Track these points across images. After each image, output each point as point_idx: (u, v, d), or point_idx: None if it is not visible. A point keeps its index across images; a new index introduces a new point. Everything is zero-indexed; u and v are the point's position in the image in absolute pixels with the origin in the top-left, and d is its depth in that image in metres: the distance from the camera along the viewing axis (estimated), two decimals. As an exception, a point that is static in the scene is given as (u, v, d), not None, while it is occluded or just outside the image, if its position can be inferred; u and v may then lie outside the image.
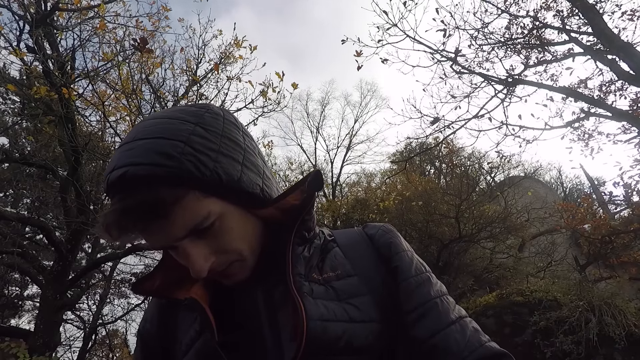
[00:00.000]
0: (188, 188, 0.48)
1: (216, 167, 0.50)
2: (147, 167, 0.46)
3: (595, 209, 9.51)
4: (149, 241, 0.51)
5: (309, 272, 0.58)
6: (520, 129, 6.32)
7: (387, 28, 6.31)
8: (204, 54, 6.28)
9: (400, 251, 0.64)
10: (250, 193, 0.54)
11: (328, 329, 0.52)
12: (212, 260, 0.52)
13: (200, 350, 0.56)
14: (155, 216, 0.47)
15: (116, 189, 0.48)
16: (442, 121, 6.51)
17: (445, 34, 6.45)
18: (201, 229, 0.50)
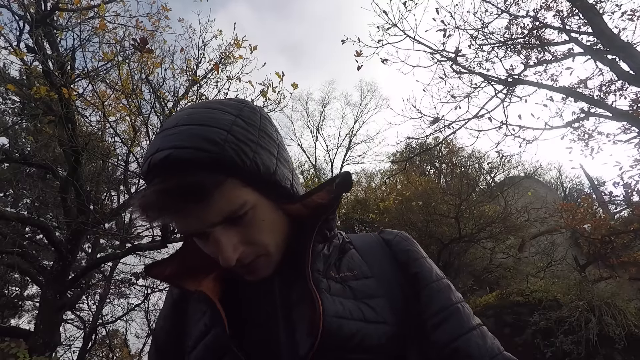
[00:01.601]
0: (227, 175, 0.50)
1: (255, 158, 0.52)
2: (191, 150, 0.48)
3: (595, 209, 9.50)
4: (182, 225, 0.52)
5: (327, 270, 0.59)
6: (520, 129, 6.32)
7: (387, 28, 6.31)
8: (204, 54, 6.28)
9: (419, 257, 0.65)
10: (282, 187, 0.56)
11: (343, 326, 0.53)
12: (240, 250, 0.53)
13: (210, 345, 0.56)
14: (195, 199, 0.48)
15: (157, 171, 0.49)
16: (442, 121, 6.51)
17: (445, 34, 6.45)
18: (235, 217, 0.51)
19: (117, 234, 9.05)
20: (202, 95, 6.06)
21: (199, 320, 0.60)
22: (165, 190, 0.47)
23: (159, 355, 0.67)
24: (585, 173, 16.05)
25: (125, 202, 7.77)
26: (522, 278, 8.19)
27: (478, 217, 8.34)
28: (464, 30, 6.69)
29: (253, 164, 0.51)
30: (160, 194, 0.47)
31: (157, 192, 0.47)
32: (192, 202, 0.48)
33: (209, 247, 0.54)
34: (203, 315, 0.60)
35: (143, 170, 0.52)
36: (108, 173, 8.65)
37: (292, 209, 0.59)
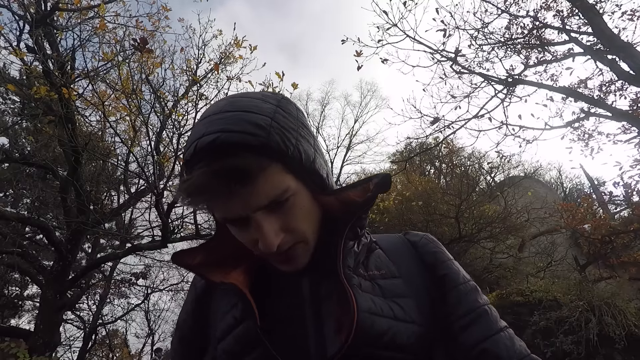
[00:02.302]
0: (272, 161, 0.51)
1: (297, 145, 0.53)
2: (239, 134, 0.49)
3: (595, 209, 9.50)
4: (225, 209, 0.52)
5: (356, 267, 0.60)
6: (520, 129, 6.32)
7: (387, 28, 6.31)
8: (204, 54, 6.27)
9: (446, 260, 0.65)
10: (320, 176, 0.57)
11: (375, 322, 0.53)
12: (281, 236, 0.53)
13: (240, 337, 0.56)
14: (242, 182, 0.49)
15: (204, 154, 0.50)
16: (442, 121, 6.51)
17: (445, 34, 6.45)
18: (277, 202, 0.52)
19: (117, 234, 9.05)
20: (202, 95, 6.06)
21: (226, 313, 0.61)
22: (214, 172, 0.48)
23: (184, 346, 0.67)
24: (585, 173, 16.06)
25: (125, 202, 7.77)
26: (522, 278, 8.19)
27: (478, 217, 8.35)
28: (464, 30, 6.70)
29: (296, 151, 0.53)
30: (208, 175, 0.48)
31: (206, 174, 0.48)
32: (239, 184, 0.49)
33: (247, 235, 0.54)
34: (231, 308, 0.60)
35: (187, 155, 0.52)
36: (108, 173, 8.65)
37: (326, 201, 0.60)
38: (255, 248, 0.55)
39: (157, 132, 6.10)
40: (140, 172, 5.71)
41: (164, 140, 6.21)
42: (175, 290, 13.13)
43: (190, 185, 0.48)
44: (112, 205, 8.56)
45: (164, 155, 6.03)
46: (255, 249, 0.55)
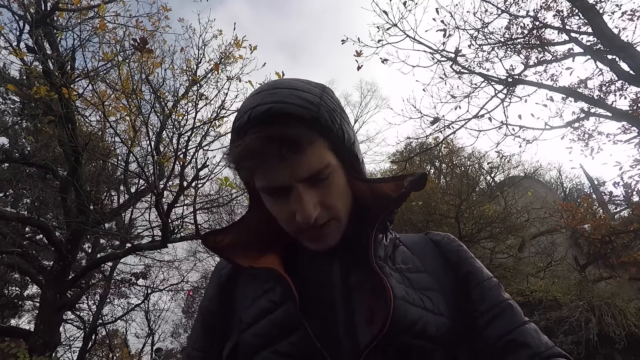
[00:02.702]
0: (320, 135, 0.54)
1: (342, 125, 0.57)
2: (292, 106, 0.52)
3: (595, 209, 9.50)
4: (271, 177, 0.54)
5: (385, 259, 0.62)
6: (520, 129, 6.32)
7: (387, 28, 6.31)
8: (204, 54, 6.27)
9: (469, 257, 0.68)
10: (357, 159, 0.61)
11: (408, 310, 0.55)
12: (318, 210, 0.55)
13: (279, 321, 0.56)
14: (292, 149, 0.52)
15: (258, 121, 0.52)
16: (442, 121, 6.51)
17: (445, 34, 6.45)
18: (319, 177, 0.55)
19: (117, 234, 9.05)
20: (202, 95, 6.06)
21: (258, 298, 0.61)
22: (268, 137, 0.51)
23: (207, 331, 0.68)
24: (585, 173, 16.05)
25: (125, 202, 7.77)
26: (522, 278, 8.18)
27: (478, 217, 8.35)
28: (464, 30, 6.70)
29: (340, 130, 0.56)
30: (261, 140, 0.51)
31: (259, 139, 0.51)
32: (289, 152, 0.51)
33: (284, 207, 0.56)
34: (265, 293, 0.60)
35: (239, 124, 0.55)
36: (108, 173, 8.64)
37: (358, 187, 0.62)
38: (290, 222, 0.57)
39: (157, 132, 6.11)
40: (140, 172, 5.71)
41: (164, 140, 6.21)
42: (175, 290, 13.13)
43: (243, 148, 0.52)
44: (112, 205, 8.56)
45: (164, 155, 6.03)
46: (289, 224, 0.57)
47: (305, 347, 0.53)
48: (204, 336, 0.68)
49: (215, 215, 10.09)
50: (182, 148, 5.58)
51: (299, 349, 0.54)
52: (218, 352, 0.64)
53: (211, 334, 0.67)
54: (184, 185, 5.58)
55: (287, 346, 0.55)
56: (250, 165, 0.53)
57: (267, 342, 0.56)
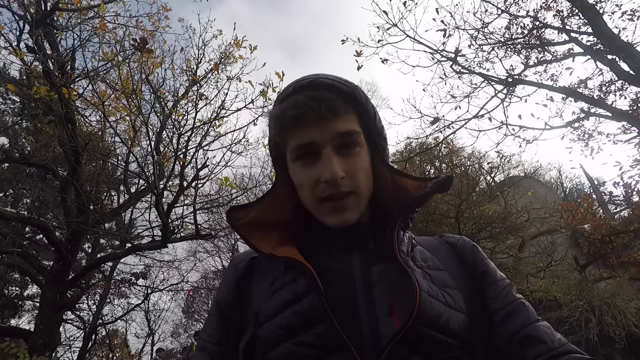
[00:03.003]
0: (354, 111, 0.63)
1: (373, 108, 0.65)
2: (333, 81, 0.62)
3: (595, 209, 9.50)
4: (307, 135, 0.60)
5: (407, 255, 0.64)
6: (520, 129, 6.32)
7: (387, 28, 6.30)
8: (204, 54, 6.27)
9: (484, 258, 0.70)
10: (385, 140, 0.67)
11: (433, 304, 0.56)
12: (343, 174, 0.59)
13: (304, 312, 0.56)
14: (330, 110, 0.59)
15: (304, 87, 0.62)
16: (442, 121, 6.51)
17: (445, 34, 6.44)
18: (347, 143, 0.61)
19: (117, 234, 9.05)
20: (202, 95, 6.06)
21: (278, 290, 0.61)
22: (310, 96, 0.59)
23: (223, 323, 0.68)
24: (585, 173, 16.04)
25: (125, 202, 7.77)
26: (522, 278, 8.18)
27: (478, 217, 8.34)
28: (464, 30, 6.70)
29: (372, 110, 0.65)
30: (307, 97, 0.59)
31: (303, 96, 0.60)
32: (327, 111, 0.59)
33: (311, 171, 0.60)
34: (285, 284, 0.61)
35: (285, 91, 0.64)
36: (108, 173, 8.64)
37: (382, 175, 0.66)
38: (314, 189, 0.60)
39: (157, 132, 6.11)
40: (140, 172, 5.71)
41: (164, 140, 6.22)
42: (175, 290, 13.13)
43: (288, 103, 0.61)
44: (112, 205, 8.56)
45: (164, 155, 6.03)
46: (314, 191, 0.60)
47: (330, 338, 0.53)
48: (220, 329, 0.68)
49: (215, 215, 10.09)
50: (182, 148, 5.58)
51: (324, 340, 0.54)
52: (234, 345, 0.64)
53: (227, 327, 0.67)
54: (184, 185, 5.58)
55: (311, 337, 0.55)
56: (292, 115, 0.59)
57: (290, 333, 0.56)
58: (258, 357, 0.59)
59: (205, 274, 15.00)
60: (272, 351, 0.57)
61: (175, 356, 18.08)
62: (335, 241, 0.63)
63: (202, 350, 0.66)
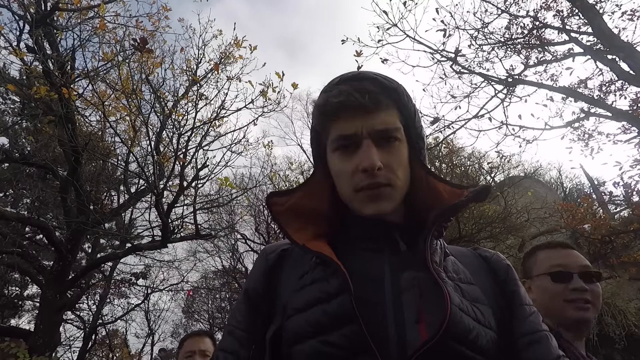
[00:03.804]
0: (396, 108, 0.64)
1: (414, 107, 0.67)
2: (376, 76, 0.64)
3: (595, 209, 9.50)
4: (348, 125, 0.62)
5: (439, 265, 0.62)
6: (520, 129, 6.32)
7: (387, 28, 6.31)
8: (204, 54, 6.27)
9: (516, 278, 0.69)
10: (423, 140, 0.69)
11: (463, 319, 0.55)
12: (380, 164, 0.60)
13: (333, 312, 0.56)
14: (373, 101, 0.61)
15: (348, 79, 0.64)
16: (442, 121, 6.51)
17: (445, 34, 6.45)
18: (388, 137, 0.62)
19: (117, 234, 9.05)
20: (202, 95, 6.06)
21: (308, 285, 0.61)
22: (355, 86, 0.61)
23: (252, 312, 0.68)
24: (585, 173, 16.03)
25: (125, 202, 7.78)
26: (522, 278, 8.17)
27: (478, 217, 8.34)
28: (464, 30, 6.70)
29: (413, 108, 0.66)
30: (350, 88, 0.61)
31: (348, 86, 0.62)
32: (370, 102, 0.60)
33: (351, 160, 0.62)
34: (314, 282, 0.60)
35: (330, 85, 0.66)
36: (108, 173, 8.64)
37: (417, 175, 0.67)
38: (353, 177, 0.62)
39: (157, 132, 6.10)
40: (140, 172, 5.72)
41: (164, 140, 6.21)
42: (175, 290, 13.12)
43: (333, 91, 0.62)
44: (112, 205, 8.56)
45: (164, 155, 6.03)
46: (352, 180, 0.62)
47: (356, 341, 0.53)
48: (249, 317, 0.68)
49: (215, 215, 10.09)
50: (182, 148, 5.58)
51: (350, 342, 0.54)
52: (262, 333, 0.64)
53: (255, 315, 0.67)
54: (184, 185, 5.59)
55: (338, 337, 0.54)
56: (336, 102, 0.61)
57: (318, 330, 0.56)
58: (284, 348, 0.59)
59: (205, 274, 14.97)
60: (298, 345, 0.57)
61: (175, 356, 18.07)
62: (367, 235, 0.64)
63: (230, 335, 0.66)
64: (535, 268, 1.22)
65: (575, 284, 1.10)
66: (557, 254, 1.20)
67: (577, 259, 1.17)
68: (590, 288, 1.11)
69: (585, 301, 1.09)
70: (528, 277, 1.24)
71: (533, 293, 1.19)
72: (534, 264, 1.24)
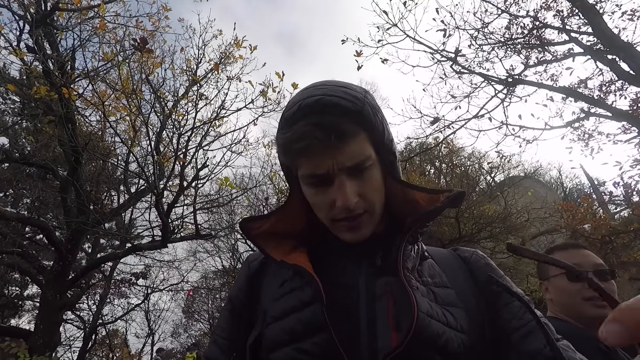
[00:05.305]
0: (363, 129, 0.58)
1: (382, 122, 0.61)
2: (339, 98, 0.56)
3: (595, 209, 9.49)
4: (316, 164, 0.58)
5: (412, 271, 0.63)
6: (520, 129, 6.32)
7: (387, 28, 6.32)
8: (204, 54, 6.27)
9: (500, 277, 0.67)
10: (395, 155, 0.64)
11: (432, 324, 0.55)
12: (357, 199, 0.58)
13: (306, 321, 0.57)
14: (339, 138, 0.55)
15: (308, 110, 0.56)
16: (442, 121, 6.51)
17: (445, 34, 6.45)
18: (360, 168, 0.58)
19: (117, 234, 9.05)
20: (202, 95, 6.06)
21: (287, 293, 0.62)
22: (317, 123, 0.55)
23: (235, 319, 0.70)
24: (585, 173, 16.05)
25: (125, 202, 7.77)
26: (522, 278, 8.19)
27: (478, 217, 8.35)
28: (464, 30, 6.71)
29: (381, 126, 0.60)
30: (312, 126, 0.55)
31: (310, 125, 0.55)
32: (336, 139, 0.55)
33: (325, 195, 0.59)
34: (293, 290, 0.62)
35: (289, 113, 0.59)
36: (108, 173, 8.64)
37: (392, 187, 0.65)
38: (329, 211, 0.60)
39: (157, 132, 6.11)
40: (140, 172, 5.71)
41: (164, 140, 6.22)
42: (175, 290, 13.13)
43: (294, 133, 0.56)
44: (112, 205, 8.56)
45: (164, 155, 6.03)
46: (328, 213, 0.60)
47: (327, 349, 0.54)
48: (231, 324, 0.70)
49: (215, 215, 10.09)
50: (182, 148, 5.58)
51: (322, 350, 0.55)
52: (244, 340, 0.65)
53: (238, 323, 0.69)
54: (184, 185, 5.59)
55: (310, 345, 0.56)
56: (299, 148, 0.56)
57: (292, 338, 0.57)
58: (263, 354, 0.60)
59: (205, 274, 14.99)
60: (274, 352, 0.58)
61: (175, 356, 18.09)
62: (346, 251, 0.64)
63: (214, 343, 0.69)
64: (551, 269, 1.25)
65: None
66: (571, 254, 1.22)
67: (591, 258, 1.20)
68: (606, 286, 1.12)
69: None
70: (545, 278, 1.27)
71: (550, 293, 1.23)
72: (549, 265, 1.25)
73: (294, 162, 0.61)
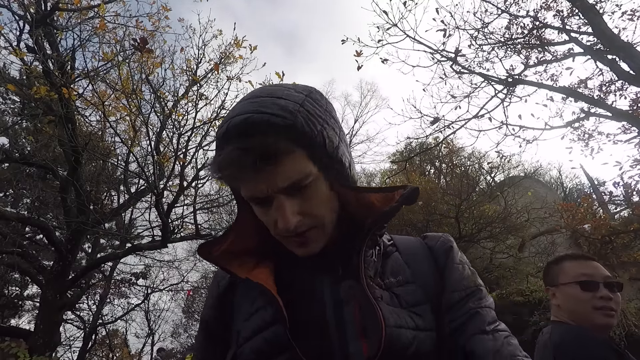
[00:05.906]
0: (297, 146, 0.54)
1: (322, 130, 0.56)
2: (269, 115, 0.52)
3: (595, 209, 9.50)
4: (251, 188, 0.55)
5: (374, 276, 0.62)
6: (520, 129, 6.32)
7: (387, 28, 6.31)
8: (204, 54, 6.27)
9: (454, 263, 0.67)
10: (342, 164, 0.60)
11: (401, 335, 0.55)
12: (298, 218, 0.56)
13: (270, 340, 0.58)
14: (267, 161, 0.52)
15: (235, 132, 0.53)
16: (442, 121, 6.51)
17: (445, 34, 6.45)
18: (298, 186, 0.55)
19: (117, 234, 9.05)
20: (202, 95, 6.06)
21: (253, 314, 0.62)
22: (242, 148, 0.51)
23: (208, 340, 0.70)
24: (585, 173, 16.06)
25: (125, 202, 7.78)
26: (522, 278, 8.18)
27: (478, 217, 8.35)
28: (464, 30, 6.70)
29: (320, 136, 0.55)
30: (237, 152, 0.52)
31: (235, 150, 0.52)
32: (264, 162, 0.52)
33: (268, 215, 0.57)
34: (259, 310, 0.62)
35: (220, 133, 0.56)
36: (108, 173, 8.64)
37: (346, 195, 0.62)
38: (274, 229, 0.58)
39: (157, 132, 6.11)
40: (140, 172, 5.72)
41: (164, 140, 6.22)
42: (175, 290, 13.13)
43: (222, 159, 0.53)
44: (112, 205, 8.56)
45: (164, 155, 6.04)
46: (274, 230, 0.59)
47: None
48: (206, 345, 0.70)
49: (215, 215, 10.09)
50: (182, 148, 5.58)
51: None
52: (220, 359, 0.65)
53: (213, 343, 0.68)
54: (184, 185, 5.59)
55: None
56: (229, 175, 0.54)
57: (260, 358, 0.58)
58: None
59: (205, 274, 14.98)
60: None
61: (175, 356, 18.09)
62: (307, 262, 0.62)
63: None
64: (561, 276, 1.31)
65: (602, 293, 1.21)
66: (583, 265, 1.30)
67: (600, 270, 1.28)
68: (614, 297, 1.20)
69: (610, 309, 1.19)
70: (554, 284, 1.33)
71: (558, 299, 1.30)
72: (560, 272, 1.33)
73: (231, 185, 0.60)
